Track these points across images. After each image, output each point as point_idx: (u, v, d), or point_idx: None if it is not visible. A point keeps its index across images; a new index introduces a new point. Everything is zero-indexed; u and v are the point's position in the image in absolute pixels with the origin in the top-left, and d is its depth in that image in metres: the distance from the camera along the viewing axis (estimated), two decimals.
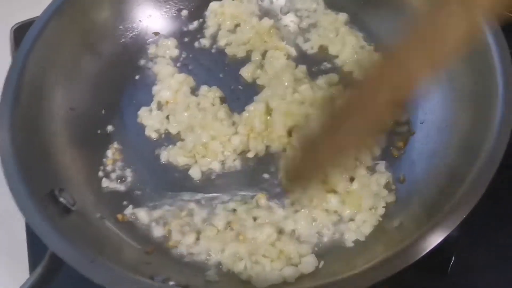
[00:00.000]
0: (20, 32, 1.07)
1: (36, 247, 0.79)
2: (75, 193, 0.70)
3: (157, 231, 0.73)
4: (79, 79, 0.85)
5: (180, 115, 0.84)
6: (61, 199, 0.67)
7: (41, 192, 0.65)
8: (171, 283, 0.60)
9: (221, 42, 0.94)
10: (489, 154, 0.61)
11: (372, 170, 0.76)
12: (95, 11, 0.88)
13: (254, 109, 0.82)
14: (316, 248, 0.70)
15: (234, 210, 0.74)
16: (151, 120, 0.85)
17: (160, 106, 0.87)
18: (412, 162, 0.77)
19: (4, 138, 0.68)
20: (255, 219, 0.73)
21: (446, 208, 0.59)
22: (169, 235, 0.72)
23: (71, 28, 0.84)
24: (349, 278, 0.55)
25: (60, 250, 0.58)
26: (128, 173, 0.80)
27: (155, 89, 0.88)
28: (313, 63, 0.89)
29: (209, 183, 0.78)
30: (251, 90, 0.87)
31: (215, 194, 0.76)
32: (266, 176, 0.78)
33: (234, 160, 0.80)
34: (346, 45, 0.89)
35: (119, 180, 0.79)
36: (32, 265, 0.78)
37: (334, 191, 0.73)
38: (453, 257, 0.72)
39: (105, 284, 0.55)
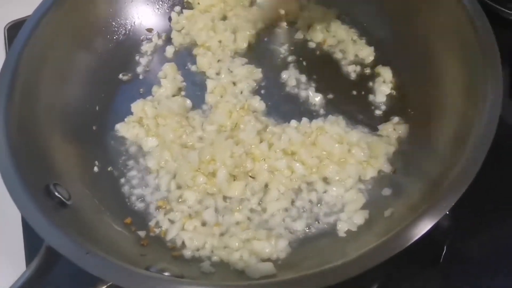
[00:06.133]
0: (13, 30, 1.08)
1: (32, 241, 0.80)
2: (70, 188, 0.71)
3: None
4: (72, 76, 0.85)
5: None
6: (56, 194, 0.67)
7: (36, 186, 0.66)
8: (167, 274, 0.61)
9: None
10: (476, 144, 0.62)
11: None
12: (88, 8, 0.89)
13: None
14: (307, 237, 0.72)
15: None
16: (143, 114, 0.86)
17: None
18: (403, 154, 0.78)
19: None
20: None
21: (435, 197, 0.60)
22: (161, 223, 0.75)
23: (64, 25, 0.85)
24: (340, 266, 0.55)
25: (56, 243, 0.58)
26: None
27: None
28: None
29: None
30: None
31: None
32: None
33: None
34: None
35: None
36: (29, 259, 0.79)
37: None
38: (445, 247, 0.73)
39: (101, 275, 0.55)
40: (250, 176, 0.77)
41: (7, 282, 0.59)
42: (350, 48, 0.90)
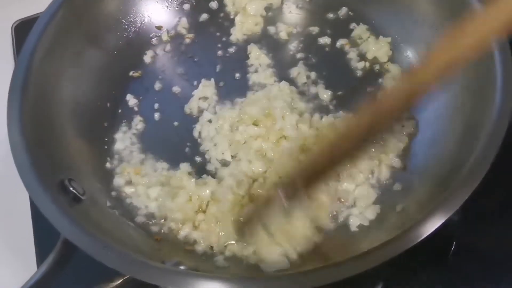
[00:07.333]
0: (20, 29, 1.08)
1: (43, 240, 0.81)
2: (84, 183, 0.71)
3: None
4: (84, 72, 0.86)
5: None
6: (71, 189, 0.68)
7: (52, 182, 0.66)
8: (182, 267, 0.61)
9: None
10: (487, 141, 0.62)
11: None
12: (98, 6, 0.90)
13: None
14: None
15: None
16: None
17: None
18: (414, 150, 0.78)
19: (14, 130, 0.69)
20: None
21: (445, 193, 0.60)
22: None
23: (74, 23, 0.85)
24: (353, 260, 0.56)
25: (74, 237, 0.58)
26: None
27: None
28: None
29: None
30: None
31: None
32: None
33: None
34: None
35: None
36: (39, 258, 0.79)
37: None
38: (454, 242, 0.74)
39: (119, 269, 0.56)
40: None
41: (17, 282, 0.60)
42: (367, 47, 0.91)
